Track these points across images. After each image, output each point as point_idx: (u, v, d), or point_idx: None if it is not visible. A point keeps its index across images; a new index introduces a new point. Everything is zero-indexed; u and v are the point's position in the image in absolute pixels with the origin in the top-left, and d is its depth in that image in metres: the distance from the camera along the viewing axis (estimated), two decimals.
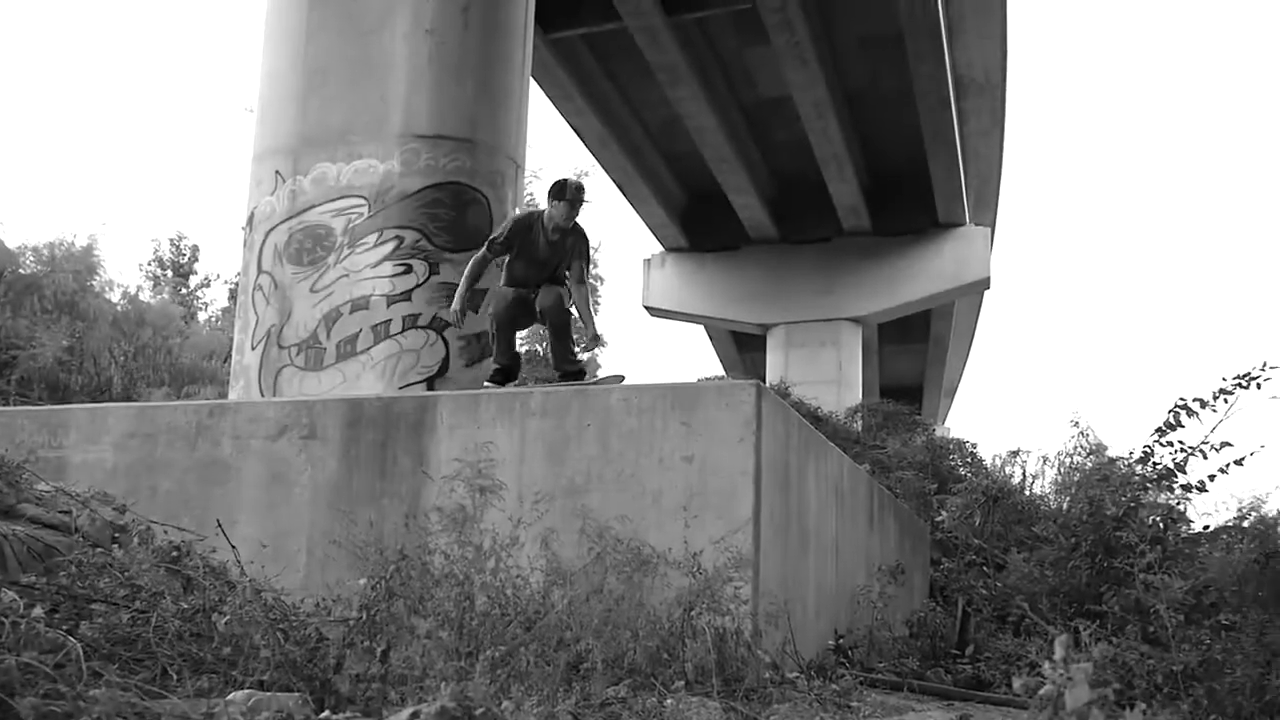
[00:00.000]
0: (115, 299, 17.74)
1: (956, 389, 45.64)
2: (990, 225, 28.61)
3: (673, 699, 4.12)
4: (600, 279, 33.15)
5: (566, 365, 7.53)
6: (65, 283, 16.01)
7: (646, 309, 30.00)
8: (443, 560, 4.55)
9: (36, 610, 3.15)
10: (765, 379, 26.33)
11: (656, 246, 29.70)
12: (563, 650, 4.21)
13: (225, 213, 64.41)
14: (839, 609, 7.11)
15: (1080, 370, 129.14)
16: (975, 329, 38.29)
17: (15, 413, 7.47)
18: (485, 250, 7.52)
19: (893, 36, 19.61)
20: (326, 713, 3.14)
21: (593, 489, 5.65)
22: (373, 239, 8.70)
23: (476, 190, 8.98)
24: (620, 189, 26.00)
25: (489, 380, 7.67)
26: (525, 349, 20.12)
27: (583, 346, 7.37)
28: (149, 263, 29.86)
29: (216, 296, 29.45)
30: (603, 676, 4.20)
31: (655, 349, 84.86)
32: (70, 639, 3.09)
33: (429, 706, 2.91)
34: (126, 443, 6.74)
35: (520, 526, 5.05)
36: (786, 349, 28.03)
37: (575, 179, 7.51)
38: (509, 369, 7.60)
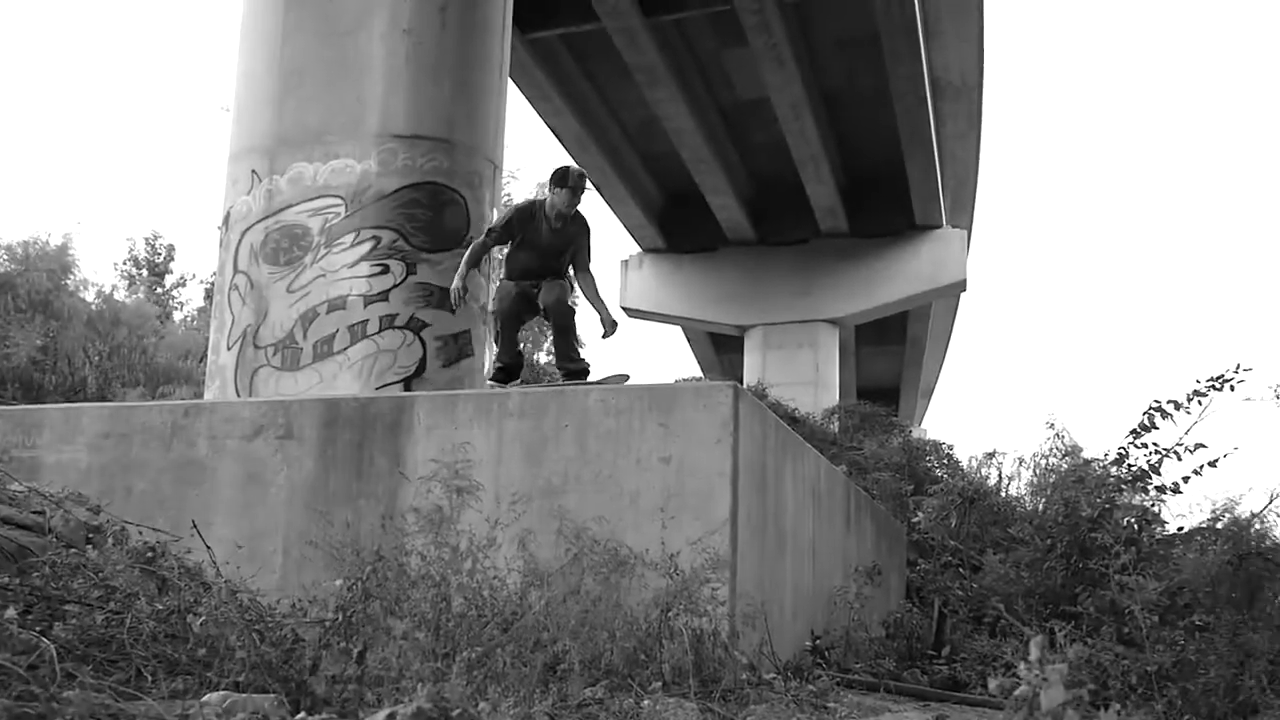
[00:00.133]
0: (90, 298, 17.66)
1: (933, 391, 45.80)
2: (967, 228, 28.71)
3: (650, 700, 4.11)
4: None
5: (570, 363, 7.31)
6: (39, 281, 15.93)
7: (624, 310, 29.93)
8: (419, 561, 4.55)
9: (10, 611, 3.13)
10: (743, 380, 26.36)
11: (634, 247, 29.68)
12: (540, 651, 4.21)
13: (201, 212, 64.04)
14: (816, 610, 7.12)
15: (1056, 372, 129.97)
16: (952, 331, 38.41)
17: None
18: (484, 237, 7.46)
19: (869, 37, 19.66)
20: (302, 714, 3.13)
21: (570, 490, 5.64)
22: (350, 239, 8.67)
23: (454, 190, 8.96)
24: (598, 189, 25.97)
25: (491, 379, 7.50)
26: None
27: (603, 334, 7.32)
28: (124, 262, 29.77)
29: (192, 296, 29.39)
30: (580, 677, 4.19)
31: (633, 350, 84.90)
32: (44, 640, 3.07)
33: (405, 708, 2.91)
34: (101, 443, 6.69)
35: (497, 527, 5.05)
36: (764, 350, 28.05)
37: (576, 166, 7.47)
38: (511, 367, 7.40)
